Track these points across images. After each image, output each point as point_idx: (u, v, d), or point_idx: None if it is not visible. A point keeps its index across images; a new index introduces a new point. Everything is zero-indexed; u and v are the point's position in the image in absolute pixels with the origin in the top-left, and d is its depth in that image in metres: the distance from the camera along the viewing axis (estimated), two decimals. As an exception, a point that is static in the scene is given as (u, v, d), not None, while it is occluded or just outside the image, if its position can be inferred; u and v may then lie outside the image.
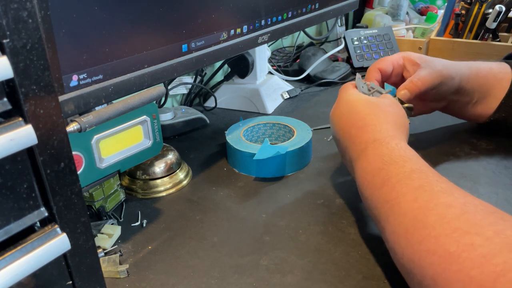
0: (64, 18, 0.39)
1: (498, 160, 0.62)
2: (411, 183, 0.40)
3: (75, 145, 0.45)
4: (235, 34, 0.61)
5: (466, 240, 0.32)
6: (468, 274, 0.31)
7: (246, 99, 0.85)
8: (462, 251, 0.32)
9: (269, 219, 0.53)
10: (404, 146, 0.45)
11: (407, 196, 0.39)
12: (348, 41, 1.03)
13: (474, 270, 0.31)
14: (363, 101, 0.52)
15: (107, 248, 0.49)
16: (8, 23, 0.22)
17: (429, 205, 0.37)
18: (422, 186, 0.39)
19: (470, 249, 0.32)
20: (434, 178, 0.40)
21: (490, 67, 0.64)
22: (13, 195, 0.24)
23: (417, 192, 0.38)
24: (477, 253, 0.31)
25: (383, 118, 0.49)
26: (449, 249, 0.33)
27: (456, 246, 0.32)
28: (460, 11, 1.03)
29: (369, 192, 0.44)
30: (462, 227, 0.33)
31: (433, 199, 0.37)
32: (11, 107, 0.23)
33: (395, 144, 0.45)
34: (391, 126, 0.48)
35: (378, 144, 0.46)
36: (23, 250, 0.25)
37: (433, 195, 0.37)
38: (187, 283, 0.44)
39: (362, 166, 0.46)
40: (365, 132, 0.48)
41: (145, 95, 0.46)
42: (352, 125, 0.50)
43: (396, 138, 0.46)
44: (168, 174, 0.61)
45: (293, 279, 0.44)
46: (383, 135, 0.47)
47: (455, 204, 0.36)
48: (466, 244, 0.32)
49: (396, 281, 0.43)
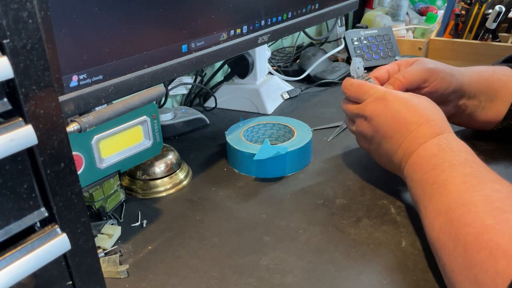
0: (64, 18, 0.39)
1: (498, 160, 0.62)
2: (463, 169, 0.42)
3: (75, 145, 0.45)
4: (235, 35, 0.61)
5: (504, 216, 0.35)
6: (497, 241, 0.33)
7: (246, 100, 0.85)
8: (497, 224, 0.34)
9: (269, 219, 0.53)
10: (460, 140, 0.48)
11: (456, 179, 0.42)
12: (348, 41, 1.03)
13: (503, 239, 0.33)
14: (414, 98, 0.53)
15: (107, 248, 0.49)
16: (8, 23, 0.22)
17: (476, 188, 0.39)
18: (473, 173, 0.41)
19: (504, 223, 0.34)
20: (486, 169, 0.42)
21: (493, 70, 0.64)
22: (13, 195, 0.24)
23: (466, 177, 0.41)
24: (510, 226, 0.34)
25: (441, 114, 0.51)
26: (486, 222, 0.35)
27: (492, 220, 0.35)
28: (460, 11, 1.03)
29: (419, 175, 0.46)
30: (503, 207, 0.36)
31: (481, 184, 0.40)
32: (11, 107, 0.23)
33: (454, 138, 0.48)
34: (447, 123, 0.51)
35: (440, 137, 0.48)
36: (23, 250, 0.25)
37: (481, 181, 0.40)
38: (187, 283, 0.44)
39: (418, 153, 0.48)
40: (428, 127, 0.49)
41: (145, 95, 0.46)
42: (411, 122, 0.51)
43: (452, 134, 0.49)
44: (168, 174, 0.61)
45: (293, 279, 0.44)
46: (442, 129, 0.49)
47: (501, 190, 0.38)
48: (503, 219, 0.35)
49: (396, 281, 0.43)
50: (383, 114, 0.52)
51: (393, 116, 0.52)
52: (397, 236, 0.49)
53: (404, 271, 0.44)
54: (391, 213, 0.53)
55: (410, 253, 0.46)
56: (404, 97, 0.53)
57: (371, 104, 0.54)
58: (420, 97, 0.53)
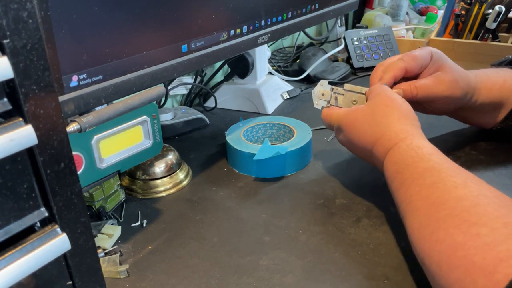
0: (64, 18, 0.39)
1: (498, 161, 0.62)
2: (424, 182, 0.41)
3: (75, 145, 0.45)
4: (235, 35, 0.61)
5: (473, 230, 0.34)
6: (471, 259, 0.32)
7: (246, 99, 0.85)
8: (468, 240, 0.34)
9: (269, 219, 0.53)
10: (416, 145, 0.46)
11: (420, 194, 0.41)
12: (348, 41, 1.03)
13: (477, 256, 0.32)
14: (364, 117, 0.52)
15: (107, 248, 0.49)
16: (8, 23, 0.22)
17: (441, 200, 0.38)
18: (435, 183, 0.40)
19: (475, 238, 0.33)
20: (448, 174, 0.41)
21: (504, 80, 0.61)
22: (13, 195, 0.24)
23: (429, 189, 0.40)
24: (482, 242, 0.33)
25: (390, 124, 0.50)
26: (456, 239, 0.34)
27: (463, 236, 0.34)
28: (460, 11, 1.03)
29: (392, 194, 0.47)
30: (471, 219, 0.35)
31: (445, 194, 0.39)
32: (11, 107, 0.23)
33: (406, 146, 0.46)
34: (399, 127, 0.49)
35: (391, 152, 0.48)
36: (23, 250, 0.25)
37: (445, 191, 0.39)
38: (187, 283, 0.44)
39: (385, 174, 0.49)
40: (380, 145, 0.50)
41: (145, 95, 0.46)
42: (365, 145, 0.52)
43: (407, 140, 0.47)
44: (168, 174, 0.61)
45: (293, 279, 0.44)
46: (393, 142, 0.48)
47: (467, 197, 0.37)
48: (473, 234, 0.34)
49: (396, 281, 0.43)
50: (347, 142, 0.55)
51: (352, 142, 0.54)
52: (397, 236, 0.49)
53: (404, 271, 0.44)
54: (391, 213, 0.53)
55: (410, 253, 0.46)
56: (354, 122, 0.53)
57: (336, 133, 0.58)
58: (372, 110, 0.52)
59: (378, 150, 0.50)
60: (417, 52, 0.58)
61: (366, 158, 0.54)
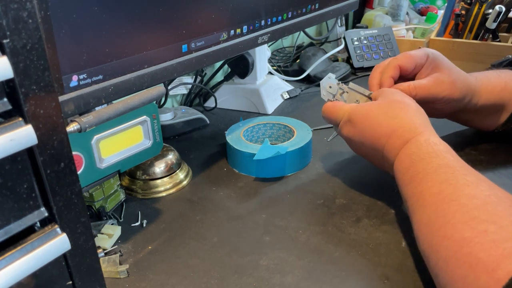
0: (64, 18, 0.39)
1: (498, 161, 0.62)
2: (437, 177, 0.41)
3: (75, 145, 0.45)
4: (235, 34, 0.61)
5: (481, 227, 0.34)
6: (477, 256, 0.32)
7: (246, 99, 0.85)
8: (475, 236, 0.34)
9: (269, 219, 0.53)
10: (433, 141, 0.46)
11: (432, 189, 0.41)
12: (348, 41, 1.03)
13: (483, 253, 0.32)
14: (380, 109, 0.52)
15: (107, 248, 0.49)
16: (8, 23, 0.22)
17: (452, 197, 0.38)
18: (447, 180, 0.40)
19: (483, 235, 0.33)
20: (461, 172, 0.41)
21: (505, 82, 0.61)
22: (13, 195, 0.24)
23: (441, 185, 0.40)
24: (488, 238, 0.33)
25: (409, 117, 0.49)
26: (464, 235, 0.35)
27: (471, 232, 0.34)
28: (460, 11, 1.03)
29: (401, 189, 0.47)
30: (481, 216, 0.35)
31: (457, 191, 0.39)
32: (11, 107, 0.23)
33: (424, 141, 0.46)
34: (418, 121, 0.49)
35: (408, 144, 0.47)
36: (23, 250, 0.25)
37: (457, 188, 0.39)
38: (187, 283, 0.44)
39: (396, 167, 0.48)
40: (396, 138, 0.49)
41: (145, 95, 0.46)
42: (379, 138, 0.50)
43: (425, 134, 0.47)
44: (168, 174, 0.61)
45: (293, 279, 0.44)
46: (413, 134, 0.48)
47: (478, 195, 0.37)
48: (481, 230, 0.34)
49: (396, 281, 0.43)
50: (355, 135, 0.53)
51: (363, 136, 0.52)
52: (397, 236, 0.49)
53: (404, 271, 0.44)
54: (391, 213, 0.53)
55: (410, 253, 0.46)
56: (368, 113, 0.52)
57: (343, 127, 0.55)
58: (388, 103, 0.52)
59: (394, 142, 0.49)
60: (412, 51, 0.59)
61: (371, 154, 0.53)
